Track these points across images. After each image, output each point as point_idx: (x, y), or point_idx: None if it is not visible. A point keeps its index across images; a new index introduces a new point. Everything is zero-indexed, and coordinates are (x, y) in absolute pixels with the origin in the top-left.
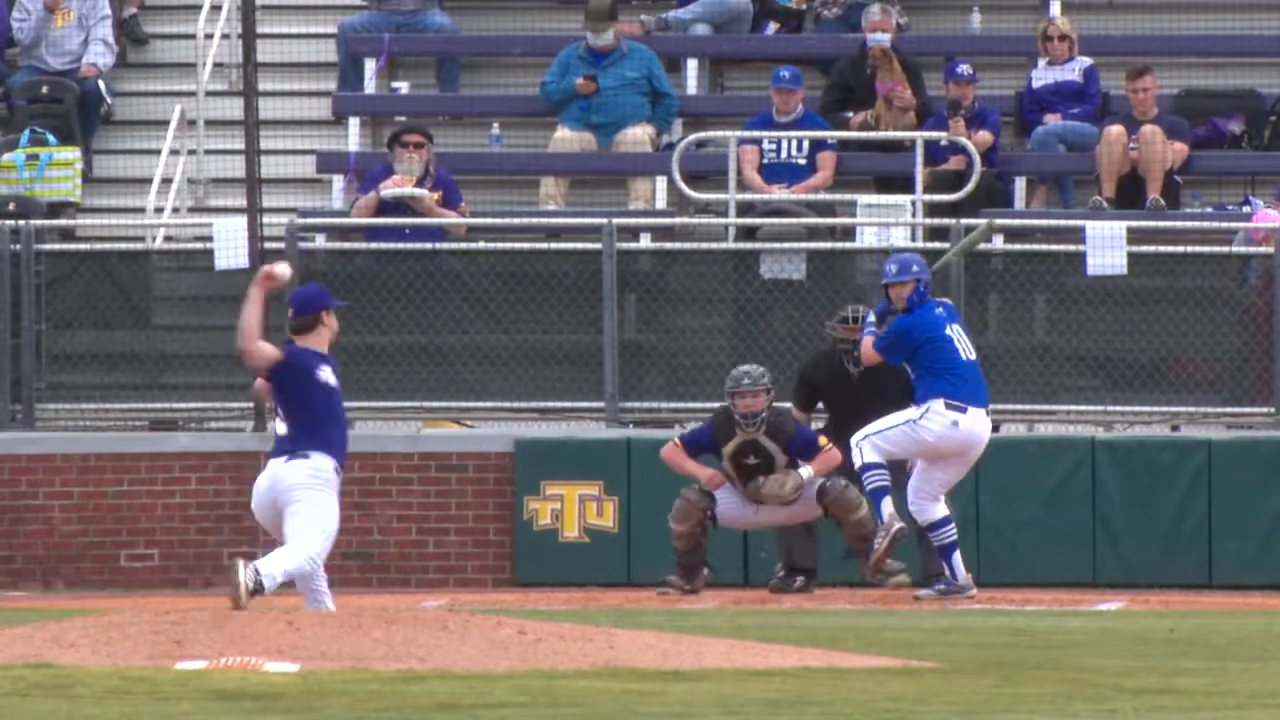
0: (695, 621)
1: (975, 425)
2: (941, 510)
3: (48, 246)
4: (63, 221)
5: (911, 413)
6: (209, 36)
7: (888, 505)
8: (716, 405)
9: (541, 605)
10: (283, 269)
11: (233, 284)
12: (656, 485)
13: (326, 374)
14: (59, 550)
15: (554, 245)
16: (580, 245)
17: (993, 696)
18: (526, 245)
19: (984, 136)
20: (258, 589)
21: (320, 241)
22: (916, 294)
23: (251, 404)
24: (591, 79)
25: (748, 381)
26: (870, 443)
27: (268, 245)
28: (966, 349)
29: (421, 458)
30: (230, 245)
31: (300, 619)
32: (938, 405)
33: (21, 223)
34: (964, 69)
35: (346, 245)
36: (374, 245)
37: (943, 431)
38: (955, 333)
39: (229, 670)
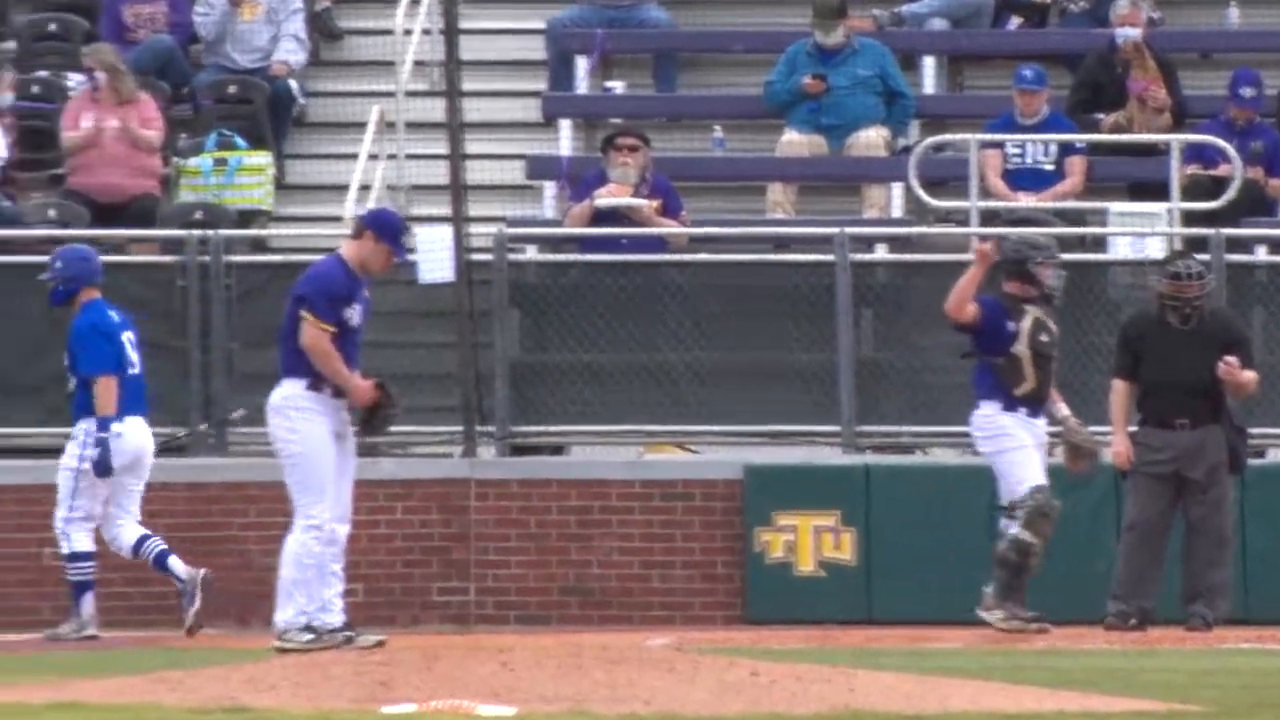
0: (939, 662)
1: None
2: None
3: (238, 258)
4: (253, 231)
5: None
6: (408, 32)
7: None
8: (959, 429)
9: (775, 644)
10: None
11: (437, 298)
12: (898, 514)
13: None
14: (255, 585)
15: (783, 256)
16: (811, 256)
17: None
18: (753, 256)
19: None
20: None
21: (531, 253)
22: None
23: (460, 428)
24: (820, 78)
25: (1049, 252)
26: None
27: (474, 257)
28: None
29: (643, 485)
30: (434, 257)
31: (515, 659)
32: None
33: (209, 232)
34: (1247, 91)
35: (559, 257)
36: (588, 257)
37: None
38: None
39: (439, 714)
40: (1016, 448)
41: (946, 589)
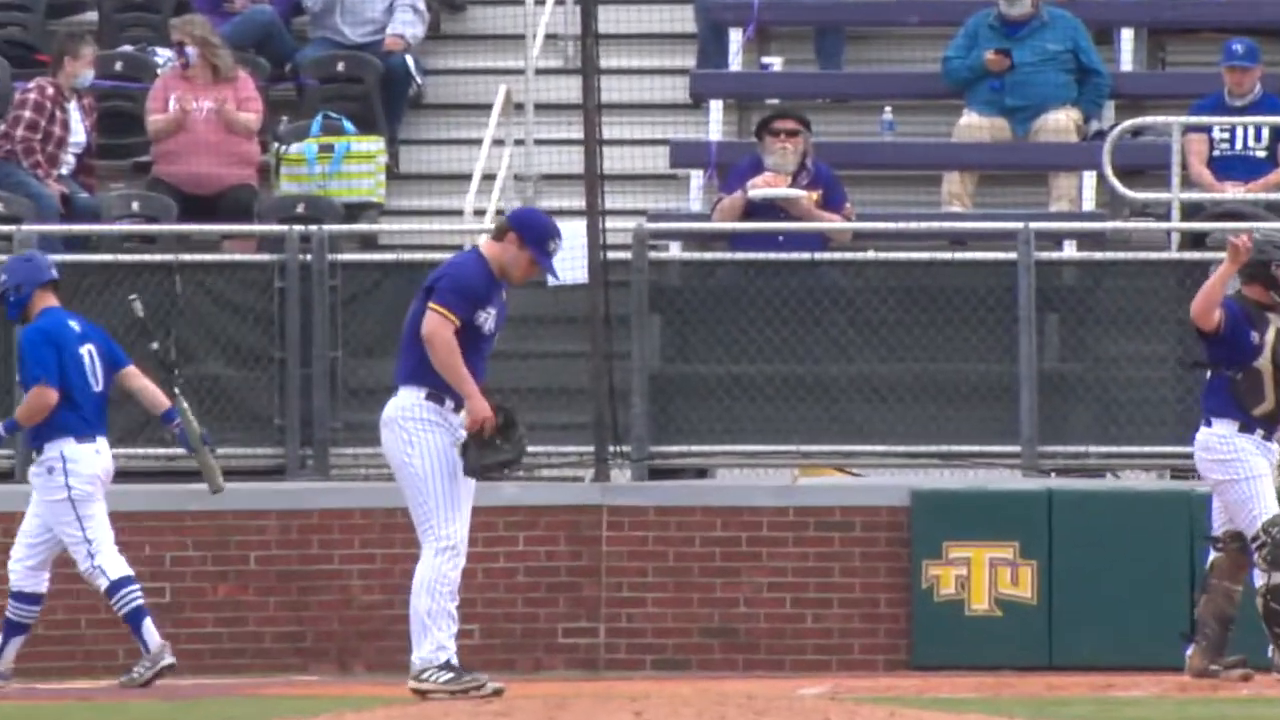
0: (1131, 712)
1: None
2: None
3: (344, 257)
4: (363, 226)
5: None
6: (540, 1)
7: None
8: (1155, 449)
9: (944, 692)
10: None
11: (568, 302)
12: (1084, 546)
13: None
14: (358, 625)
15: (958, 255)
16: (991, 255)
17: None
18: (925, 255)
19: None
20: None
21: (675, 250)
22: None
23: (592, 448)
24: (1004, 53)
25: None
26: None
27: (610, 255)
28: None
29: (797, 513)
30: (567, 255)
31: (650, 709)
32: None
33: (313, 228)
34: None
35: (706, 255)
36: (739, 255)
37: None
38: None
39: None
40: (1253, 476)
41: (1138, 630)
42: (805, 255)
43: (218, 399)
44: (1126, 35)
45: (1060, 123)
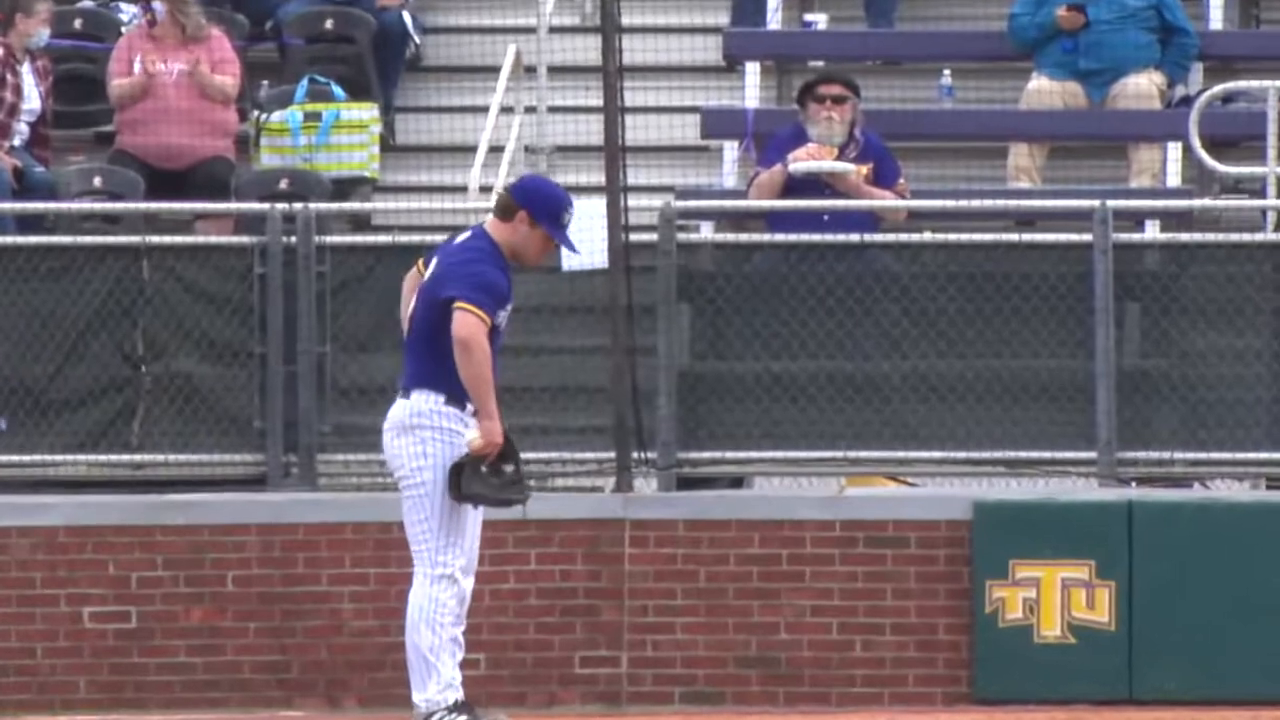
0: None
1: None
2: None
3: (334, 239)
4: (354, 205)
5: None
6: None
7: None
8: (1248, 455)
9: None
10: None
11: (586, 290)
12: (1168, 565)
13: None
14: (349, 654)
15: (1026, 237)
16: (1063, 237)
17: None
18: (989, 237)
19: None
20: None
21: (706, 232)
22: None
23: (613, 454)
24: (1079, 9)
25: None
26: None
27: (634, 237)
28: None
29: (845, 527)
30: (585, 237)
31: None
32: None
33: (298, 206)
34: None
35: (742, 237)
36: (779, 237)
37: None
38: None
39: None
40: None
41: (1229, 660)
42: (854, 237)
43: (190, 399)
44: None
45: (1141, 88)
